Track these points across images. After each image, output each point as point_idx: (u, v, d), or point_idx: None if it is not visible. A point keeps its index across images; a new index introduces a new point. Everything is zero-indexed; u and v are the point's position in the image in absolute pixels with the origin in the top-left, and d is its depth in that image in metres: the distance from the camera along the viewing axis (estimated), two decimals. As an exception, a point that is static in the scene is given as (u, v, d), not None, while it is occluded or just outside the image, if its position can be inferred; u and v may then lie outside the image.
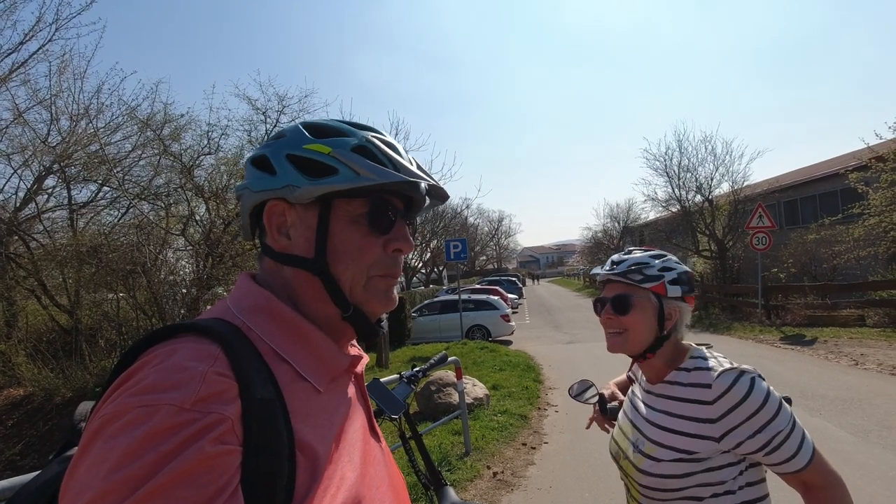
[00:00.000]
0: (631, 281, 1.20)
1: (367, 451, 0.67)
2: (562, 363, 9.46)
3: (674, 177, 19.05)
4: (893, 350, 8.04)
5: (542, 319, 19.19)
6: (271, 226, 0.67)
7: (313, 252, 0.65)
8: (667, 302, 1.19)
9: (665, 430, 1.14)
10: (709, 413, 1.08)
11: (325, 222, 0.65)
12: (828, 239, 13.56)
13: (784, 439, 1.03)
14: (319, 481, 0.54)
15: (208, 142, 11.54)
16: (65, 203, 11.94)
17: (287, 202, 0.65)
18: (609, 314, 1.22)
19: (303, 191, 0.63)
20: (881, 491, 3.54)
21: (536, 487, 4.11)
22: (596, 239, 39.64)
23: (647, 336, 1.19)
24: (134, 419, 0.46)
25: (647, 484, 1.14)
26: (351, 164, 0.64)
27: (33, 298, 11.44)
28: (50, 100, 10.82)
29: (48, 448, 8.18)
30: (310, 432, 0.56)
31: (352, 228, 0.65)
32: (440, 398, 6.05)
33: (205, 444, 0.46)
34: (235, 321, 0.61)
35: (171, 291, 10.24)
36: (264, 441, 0.50)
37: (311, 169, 0.64)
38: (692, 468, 1.08)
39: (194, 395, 0.48)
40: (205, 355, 0.53)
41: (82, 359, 10.14)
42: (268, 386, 0.54)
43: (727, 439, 1.06)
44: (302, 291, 0.66)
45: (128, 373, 0.52)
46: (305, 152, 0.65)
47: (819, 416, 5.17)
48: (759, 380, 1.07)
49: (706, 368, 1.13)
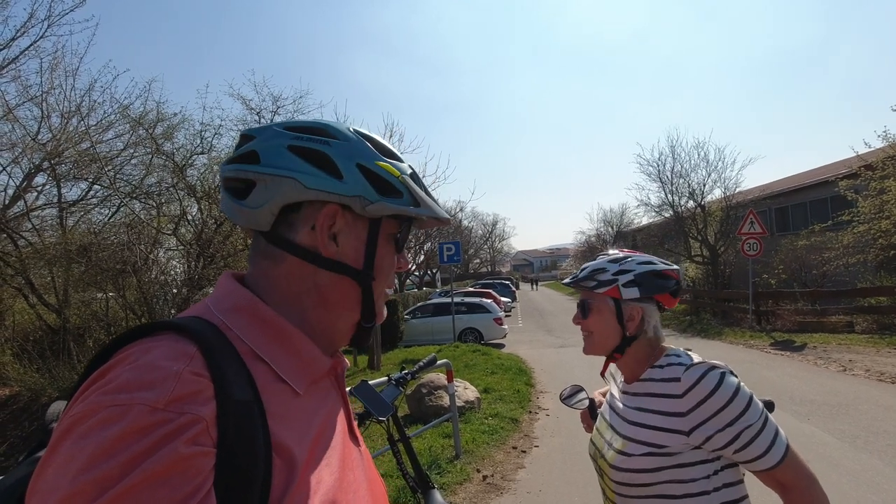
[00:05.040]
0: (586, 287, 1.27)
1: (346, 455, 0.66)
2: (553, 367, 9.47)
3: (667, 182, 19.20)
4: (881, 356, 8.12)
5: (535, 323, 19.22)
6: (323, 229, 0.64)
7: (362, 264, 0.66)
8: (624, 304, 1.22)
9: (636, 425, 1.16)
10: (678, 406, 1.08)
11: (374, 237, 0.67)
12: (818, 246, 13.68)
13: (755, 435, 1.03)
14: (296, 484, 0.53)
15: (201, 141, 11.48)
16: (54, 201, 11.80)
17: (343, 209, 0.64)
18: (577, 318, 1.31)
19: (376, 206, 0.65)
20: (868, 496, 3.56)
21: (526, 491, 4.10)
22: (589, 243, 39.87)
23: (611, 337, 1.24)
24: (105, 419, 0.45)
25: (619, 480, 1.15)
26: (413, 191, 0.68)
27: (21, 297, 11.30)
28: (41, 97, 10.74)
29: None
30: (287, 434, 0.55)
31: (388, 247, 0.69)
32: (431, 401, 6.03)
33: (178, 446, 0.45)
34: (214, 320, 0.59)
35: (161, 291, 10.16)
36: (240, 443, 0.49)
37: (382, 187, 0.66)
38: (662, 462, 1.09)
39: (168, 395, 0.47)
40: (180, 354, 0.51)
41: (70, 359, 10.03)
42: (245, 387, 0.53)
43: (696, 433, 1.06)
44: (337, 297, 0.66)
45: (101, 371, 0.51)
46: (378, 169, 0.66)
47: (807, 422, 5.20)
48: (728, 375, 1.07)
49: (677, 364, 1.15)
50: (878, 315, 10.55)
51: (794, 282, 14.23)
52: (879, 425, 4.95)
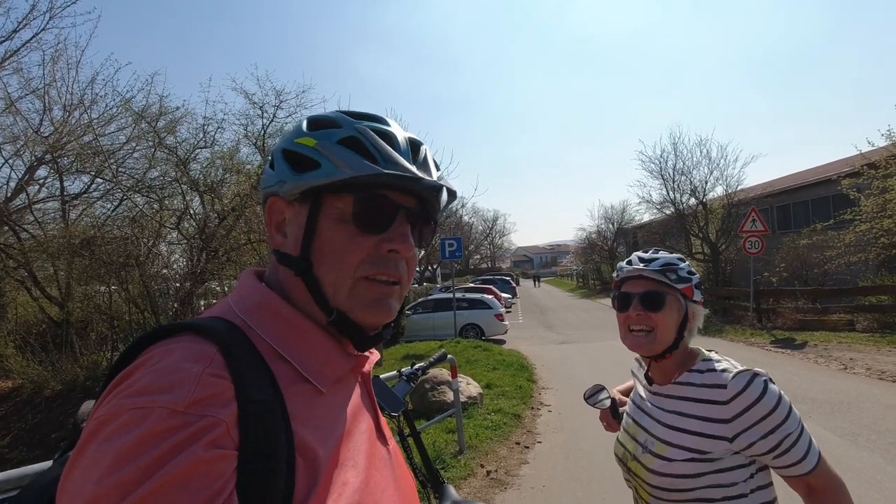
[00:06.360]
0: (667, 279, 1.19)
1: (373, 455, 0.65)
2: (555, 363, 9.50)
3: (668, 179, 19.22)
4: (882, 355, 8.14)
5: (536, 319, 19.25)
6: (270, 222, 0.67)
7: (299, 251, 0.62)
8: (690, 304, 1.21)
9: (677, 430, 1.15)
10: (723, 413, 1.09)
11: (313, 220, 0.62)
12: (819, 244, 13.69)
13: (794, 442, 1.05)
14: (320, 486, 0.52)
15: (204, 135, 11.51)
16: (57, 194, 11.84)
17: (284, 199, 0.64)
18: (639, 310, 1.19)
19: (288, 186, 0.61)
20: (869, 493, 3.58)
21: (530, 486, 4.13)
22: (590, 240, 39.79)
23: (671, 336, 1.19)
24: (127, 422, 0.45)
25: (657, 484, 1.15)
26: (333, 157, 0.60)
27: (23, 290, 11.33)
28: (43, 89, 10.75)
29: (37, 441, 8.11)
30: (311, 435, 0.55)
31: (339, 227, 0.62)
32: (434, 396, 6.06)
33: (198, 449, 0.45)
34: (236, 320, 0.59)
35: (164, 285, 10.18)
36: (261, 444, 0.49)
37: (298, 163, 0.62)
38: (704, 468, 1.10)
39: (188, 398, 0.47)
40: (201, 356, 0.51)
41: (73, 352, 10.07)
42: (267, 387, 0.53)
43: (739, 440, 1.07)
44: (292, 292, 0.64)
45: (124, 373, 0.51)
46: (295, 146, 0.63)
47: (809, 420, 5.22)
48: (770, 383, 1.09)
49: (720, 370, 1.15)
50: (879, 314, 10.57)
51: (795, 280, 14.24)
52: (881, 423, 4.98)
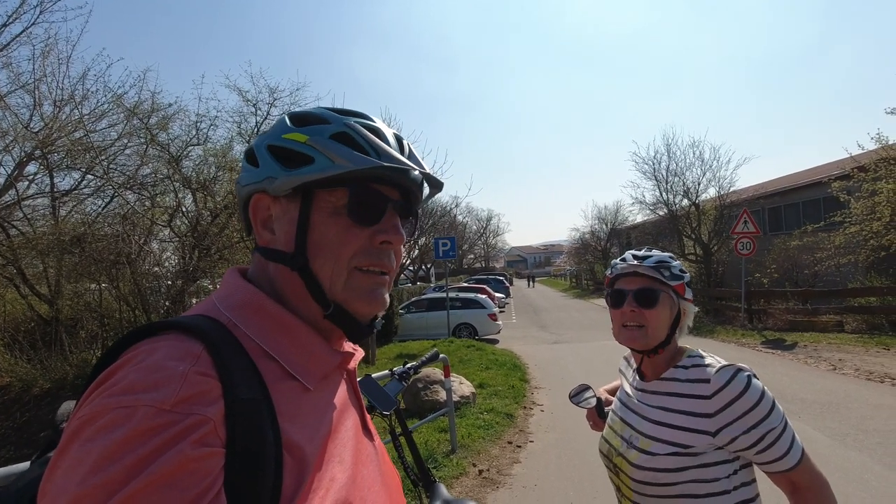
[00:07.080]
0: (661, 276, 1.21)
1: (360, 451, 0.65)
2: (548, 363, 9.52)
3: (662, 180, 19.28)
4: (870, 356, 8.23)
5: (529, 319, 19.28)
6: (256, 220, 0.66)
7: (293, 246, 0.62)
8: (682, 302, 1.24)
9: (660, 425, 1.16)
10: (706, 407, 1.10)
11: (305, 215, 0.62)
12: (810, 246, 13.82)
13: (777, 437, 1.06)
14: (307, 483, 0.52)
15: (197, 132, 11.40)
16: (47, 190, 11.65)
17: (270, 195, 0.64)
18: (633, 307, 1.21)
19: (280, 182, 0.61)
20: (857, 493, 3.62)
21: (522, 485, 4.13)
22: (583, 240, 39.93)
23: (663, 332, 1.21)
24: (111, 421, 0.44)
25: (640, 479, 1.16)
26: (327, 151, 0.61)
27: (12, 287, 11.18)
28: (33, 84, 10.56)
29: (24, 440, 8.02)
30: (298, 432, 0.55)
31: (332, 220, 0.62)
32: (427, 395, 6.05)
33: (185, 447, 0.44)
34: (221, 318, 0.59)
35: (155, 283, 10.10)
36: (249, 442, 0.49)
37: (289, 159, 0.62)
38: (687, 462, 1.10)
39: (174, 396, 0.46)
40: (186, 354, 0.51)
41: (62, 350, 9.96)
42: (253, 385, 0.53)
43: (722, 434, 1.08)
44: (286, 288, 0.64)
45: (108, 372, 0.51)
46: (284, 142, 0.63)
47: (798, 419, 5.27)
48: (754, 378, 1.10)
49: (704, 365, 1.16)
50: (868, 315, 10.70)
51: (786, 281, 14.36)
52: (868, 423, 5.03)
